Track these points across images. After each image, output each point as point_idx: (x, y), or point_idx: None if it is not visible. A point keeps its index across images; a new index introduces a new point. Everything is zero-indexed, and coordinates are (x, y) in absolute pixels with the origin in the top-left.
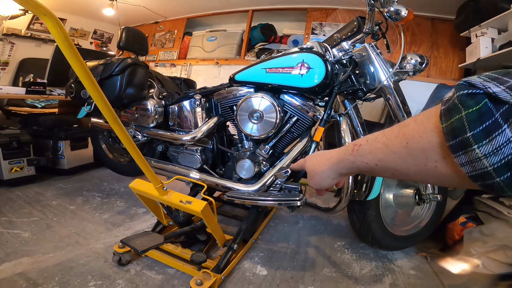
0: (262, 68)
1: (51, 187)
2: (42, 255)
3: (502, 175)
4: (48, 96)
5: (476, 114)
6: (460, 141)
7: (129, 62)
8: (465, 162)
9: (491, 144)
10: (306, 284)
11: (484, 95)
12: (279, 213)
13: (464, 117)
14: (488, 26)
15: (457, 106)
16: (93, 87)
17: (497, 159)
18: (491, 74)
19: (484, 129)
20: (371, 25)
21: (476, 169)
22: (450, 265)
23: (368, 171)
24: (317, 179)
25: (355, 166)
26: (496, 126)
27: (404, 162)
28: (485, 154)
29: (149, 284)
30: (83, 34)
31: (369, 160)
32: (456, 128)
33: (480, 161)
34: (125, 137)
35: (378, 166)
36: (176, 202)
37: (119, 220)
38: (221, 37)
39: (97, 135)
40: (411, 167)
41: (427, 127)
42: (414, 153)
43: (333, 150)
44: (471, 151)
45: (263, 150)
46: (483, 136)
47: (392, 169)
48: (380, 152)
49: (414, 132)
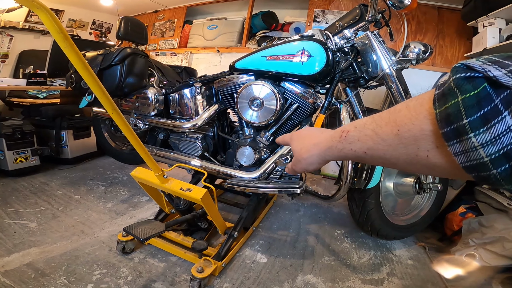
0: (262, 55)
1: (56, 176)
2: (49, 245)
3: (499, 166)
4: (49, 87)
5: (474, 99)
6: (455, 129)
7: (128, 51)
8: (459, 152)
9: (489, 132)
10: (305, 272)
11: (483, 79)
12: (280, 201)
13: (461, 102)
14: (496, 16)
15: (453, 90)
16: (90, 77)
17: (495, 149)
18: (491, 57)
19: (482, 115)
20: (374, 13)
21: (471, 160)
22: (448, 256)
23: (357, 159)
24: (303, 164)
25: (343, 154)
26: (495, 112)
27: (395, 150)
28: (482, 143)
29: (152, 272)
30: (82, 25)
31: (357, 148)
32: (451, 114)
33: (476, 150)
34: (124, 125)
35: (367, 154)
36: (177, 189)
37: (123, 208)
38: (221, 25)
39: (99, 124)
40: (401, 156)
41: (420, 113)
42: (405, 142)
43: (320, 132)
44: (467, 140)
45: (263, 137)
46: (481, 123)
47: (382, 158)
48: (370, 139)
49: (405, 118)
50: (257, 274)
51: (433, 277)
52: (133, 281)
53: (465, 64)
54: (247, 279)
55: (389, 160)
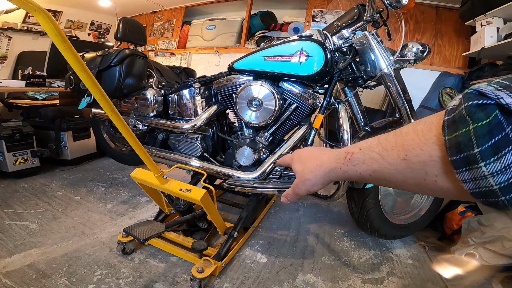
0: (261, 56)
1: (56, 177)
2: (50, 246)
3: (508, 194)
4: (48, 88)
5: (485, 128)
6: (465, 157)
7: (126, 52)
8: (468, 179)
9: (500, 162)
10: (305, 271)
11: (495, 106)
12: (280, 201)
13: (472, 131)
14: (494, 15)
15: (464, 118)
16: (89, 79)
17: (505, 178)
18: (502, 81)
19: (493, 144)
20: (372, 12)
21: (480, 187)
22: (447, 255)
23: (362, 180)
24: (307, 186)
25: (347, 175)
26: (506, 141)
27: (402, 175)
28: (492, 172)
29: (153, 272)
30: (81, 26)
31: (362, 170)
32: (462, 142)
33: (485, 179)
34: (123, 126)
35: (372, 177)
36: (176, 190)
37: (123, 209)
38: (220, 26)
39: (98, 125)
40: (408, 180)
41: (429, 139)
42: (412, 166)
43: (323, 152)
44: (477, 169)
45: (262, 137)
46: (491, 153)
47: (388, 181)
48: (375, 162)
49: (413, 143)
50: (257, 274)
51: (433, 276)
52: (134, 282)
53: (477, 90)
54: (247, 279)
55: (395, 183)
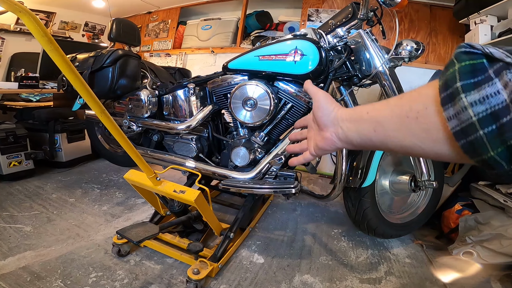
0: (255, 55)
1: (50, 180)
2: (44, 249)
3: (486, 126)
4: (41, 90)
5: (469, 68)
6: (450, 93)
7: (120, 53)
8: (451, 115)
9: (479, 93)
10: (302, 272)
11: (482, 55)
12: (277, 201)
13: (457, 69)
14: (488, 13)
15: (452, 61)
16: (77, 80)
17: (483, 108)
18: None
19: (475, 82)
20: (366, 11)
21: (461, 121)
22: (445, 254)
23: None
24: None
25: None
26: (487, 79)
27: (391, 111)
28: (471, 102)
29: (149, 274)
30: (74, 26)
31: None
32: (448, 79)
33: (465, 110)
34: (114, 128)
35: (369, 115)
36: (170, 192)
37: (118, 211)
38: (216, 26)
39: (93, 127)
40: (394, 118)
41: (423, 85)
42: (402, 103)
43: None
44: (459, 101)
45: (258, 137)
46: (472, 86)
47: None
48: (378, 103)
49: (414, 89)
50: (254, 275)
51: (431, 275)
52: (129, 284)
53: (468, 43)
54: (244, 280)
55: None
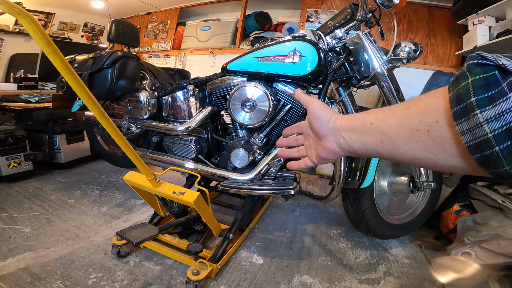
0: (254, 57)
1: (50, 181)
2: (44, 250)
3: (502, 143)
4: (40, 91)
5: (483, 81)
6: (463, 107)
7: (119, 54)
8: (465, 130)
9: (494, 109)
10: (301, 272)
11: (494, 67)
12: (276, 201)
13: (470, 83)
14: (486, 14)
15: (465, 74)
16: (76, 82)
17: (499, 124)
18: (505, 54)
19: (489, 96)
20: (364, 12)
21: (475, 137)
22: (444, 255)
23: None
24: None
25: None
26: (501, 94)
27: (398, 123)
28: (486, 119)
29: (148, 275)
30: (73, 27)
31: (367, 118)
32: (461, 94)
33: (481, 127)
34: (113, 129)
35: (373, 125)
36: (169, 193)
37: (118, 212)
38: (215, 27)
39: (92, 128)
40: (403, 131)
41: (430, 93)
42: (411, 115)
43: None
44: (473, 117)
45: (257, 138)
46: (487, 102)
47: (384, 133)
48: (381, 112)
49: (417, 98)
50: (253, 276)
51: (429, 276)
52: (129, 285)
53: (479, 54)
54: (243, 281)
55: (390, 135)
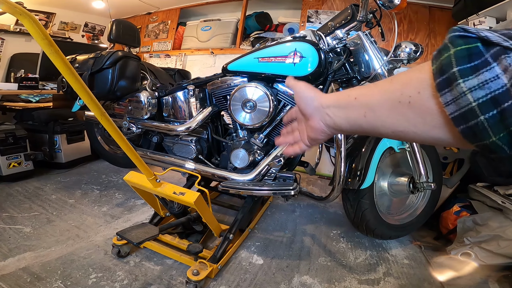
0: (254, 57)
1: (50, 181)
2: (44, 250)
3: (487, 112)
4: (41, 91)
5: (465, 52)
6: (446, 78)
7: (119, 55)
8: (449, 101)
9: (478, 78)
10: (301, 273)
11: (477, 39)
12: (276, 202)
13: (453, 54)
14: (486, 15)
15: (447, 46)
16: (77, 83)
17: (483, 93)
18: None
19: (472, 66)
20: (365, 13)
21: (460, 107)
22: (443, 255)
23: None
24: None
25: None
26: (484, 63)
27: (381, 96)
28: (470, 88)
29: (148, 275)
30: (74, 27)
31: (351, 93)
32: (444, 64)
33: (464, 96)
34: (113, 129)
35: (357, 100)
36: (170, 194)
37: (118, 212)
38: (215, 27)
39: (92, 128)
40: (385, 103)
41: (413, 68)
42: (393, 88)
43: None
44: (456, 86)
45: (257, 139)
46: (470, 71)
47: (367, 107)
48: (366, 87)
49: (403, 72)
50: (253, 276)
51: (429, 276)
52: (129, 285)
53: (461, 27)
54: (243, 281)
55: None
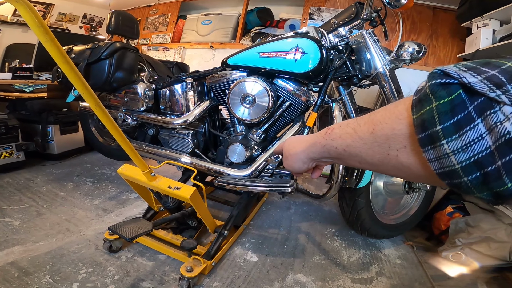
0: (255, 52)
1: (41, 172)
2: (33, 244)
3: (469, 174)
4: (35, 81)
5: (447, 106)
6: (429, 135)
7: (117, 46)
8: (433, 158)
9: (461, 139)
10: (295, 270)
11: (458, 85)
12: (272, 199)
13: (435, 109)
14: (491, 17)
15: (428, 97)
16: (72, 72)
17: (466, 156)
18: (469, 63)
19: (455, 122)
20: (370, 11)
21: (444, 166)
22: (435, 256)
23: (337, 157)
24: (290, 161)
25: (326, 150)
26: (468, 120)
27: (369, 149)
28: (453, 150)
29: (140, 271)
30: (72, 18)
31: (338, 145)
32: (426, 120)
33: (448, 157)
34: (108, 121)
35: (346, 151)
36: (164, 188)
37: (110, 206)
38: (216, 21)
39: (87, 119)
40: (375, 155)
41: (392, 113)
42: (378, 140)
43: (311, 134)
44: (440, 146)
45: (255, 134)
46: (453, 130)
47: (359, 157)
48: (349, 137)
49: (381, 118)
50: (247, 273)
51: (420, 277)
52: (121, 280)
53: (441, 70)
54: (237, 278)
55: (365, 159)
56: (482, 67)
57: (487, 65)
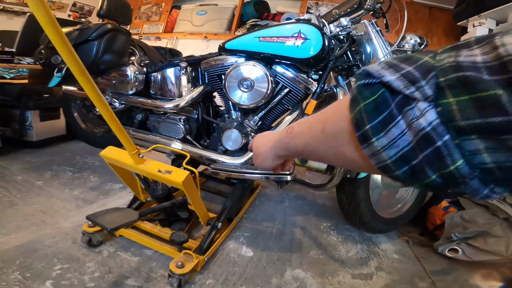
0: (255, 36)
1: (17, 160)
2: (3, 237)
3: (400, 168)
4: (16, 64)
5: (372, 106)
6: (362, 134)
7: (108, 27)
8: (370, 154)
9: (387, 136)
10: (294, 266)
11: (380, 84)
12: (265, 191)
13: (363, 109)
14: (487, 17)
15: (356, 97)
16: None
17: (393, 152)
18: (392, 60)
19: (381, 120)
20: (373, 2)
21: (379, 162)
22: (430, 251)
23: (300, 154)
24: (259, 160)
25: (289, 148)
26: (391, 117)
27: (324, 146)
28: (383, 147)
29: (124, 267)
30: (61, 6)
31: (298, 143)
32: (358, 119)
33: (380, 154)
34: (93, 90)
35: (306, 149)
36: (154, 172)
37: (92, 196)
38: (211, 11)
39: (69, 104)
40: (329, 151)
41: (337, 111)
42: (329, 137)
43: (275, 132)
44: (371, 144)
45: (251, 121)
46: (380, 128)
47: (317, 153)
48: (306, 135)
49: (328, 117)
50: (243, 269)
51: (419, 272)
52: (101, 277)
53: (365, 70)
54: (232, 275)
55: (323, 155)
56: (401, 63)
57: (406, 61)
